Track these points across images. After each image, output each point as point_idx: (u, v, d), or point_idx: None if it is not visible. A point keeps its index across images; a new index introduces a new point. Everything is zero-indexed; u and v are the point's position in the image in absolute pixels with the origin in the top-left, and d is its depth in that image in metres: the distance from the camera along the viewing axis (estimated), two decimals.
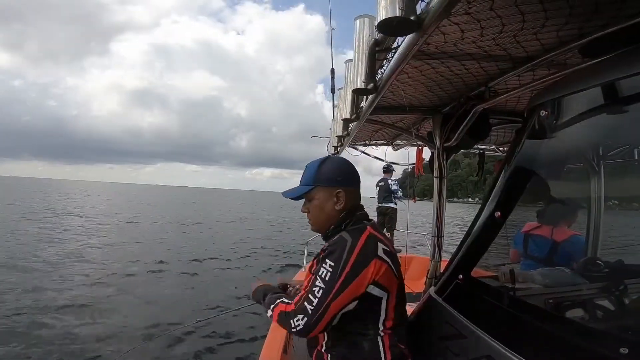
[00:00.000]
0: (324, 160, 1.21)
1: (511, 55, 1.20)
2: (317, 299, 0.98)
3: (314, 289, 1.00)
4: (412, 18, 0.76)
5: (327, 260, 1.01)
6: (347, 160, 1.25)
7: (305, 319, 0.99)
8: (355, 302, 1.01)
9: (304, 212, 1.24)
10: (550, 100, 1.02)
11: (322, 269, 1.01)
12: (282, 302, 1.12)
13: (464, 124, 1.75)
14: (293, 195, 1.22)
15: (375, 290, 1.03)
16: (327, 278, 0.99)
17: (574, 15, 0.86)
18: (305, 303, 1.01)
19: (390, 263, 1.06)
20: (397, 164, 3.65)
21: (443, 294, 1.31)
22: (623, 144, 1.29)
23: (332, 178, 1.17)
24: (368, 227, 1.11)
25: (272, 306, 1.14)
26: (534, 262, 1.88)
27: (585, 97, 0.91)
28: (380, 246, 1.05)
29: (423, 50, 1.17)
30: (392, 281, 1.07)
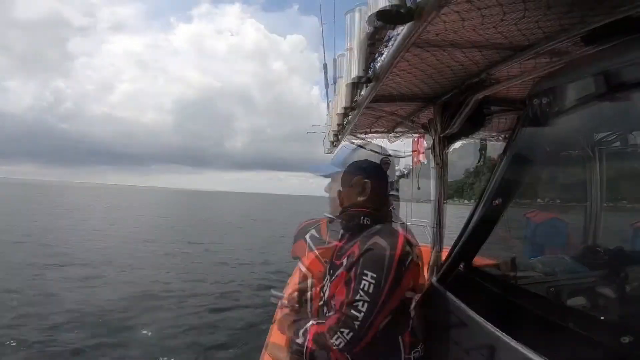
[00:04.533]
0: (358, 147, 1.26)
1: (512, 43, 1.18)
2: (362, 313, 0.96)
3: (356, 303, 0.97)
4: (410, 6, 0.74)
5: (366, 272, 0.98)
6: (383, 154, 1.27)
7: (352, 333, 0.97)
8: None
9: (326, 191, 1.27)
10: (551, 88, 1.01)
11: (363, 281, 0.97)
12: (312, 325, 1.10)
13: (464, 112, 1.74)
14: (319, 173, 1.28)
15: (409, 293, 1.05)
16: (370, 291, 0.96)
17: (577, 3, 0.84)
18: (348, 317, 0.97)
19: (420, 266, 1.08)
20: (397, 151, 3.63)
21: (445, 283, 1.32)
22: (623, 131, 1.29)
23: (360, 167, 1.17)
24: (400, 230, 1.11)
25: (302, 331, 1.12)
26: (532, 246, 1.90)
27: (586, 85, 0.90)
28: (414, 250, 1.05)
29: (423, 38, 1.15)
30: (421, 280, 1.11)
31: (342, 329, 0.98)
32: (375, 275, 0.97)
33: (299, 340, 1.13)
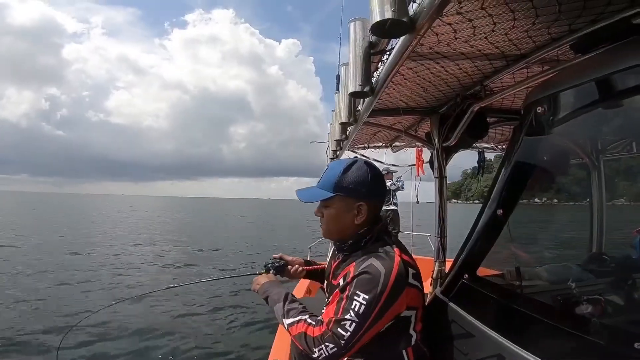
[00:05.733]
0: (349, 166, 1.11)
1: (504, 54, 1.21)
2: (349, 333, 0.96)
3: (344, 322, 0.97)
4: (404, 19, 0.77)
5: (359, 293, 0.97)
6: (375, 168, 1.15)
7: (335, 349, 0.97)
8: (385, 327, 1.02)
9: (318, 215, 1.18)
10: (545, 97, 1.03)
11: (354, 302, 0.97)
12: (306, 321, 1.07)
13: (461, 124, 1.77)
14: (308, 199, 1.14)
15: (405, 312, 1.04)
16: (360, 312, 0.96)
17: (563, 12, 0.87)
18: (334, 334, 0.98)
19: (418, 285, 1.06)
20: (397, 166, 3.67)
21: (449, 294, 1.30)
22: (620, 137, 1.30)
23: (356, 189, 1.08)
24: (395, 249, 1.06)
25: (291, 320, 1.10)
26: None
27: (580, 92, 0.92)
28: (410, 271, 1.03)
29: (417, 51, 1.19)
30: (420, 298, 1.08)
31: (326, 344, 0.99)
32: (367, 297, 0.96)
33: (281, 321, 1.12)
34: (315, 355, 1.00)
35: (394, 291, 0.97)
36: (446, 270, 1.84)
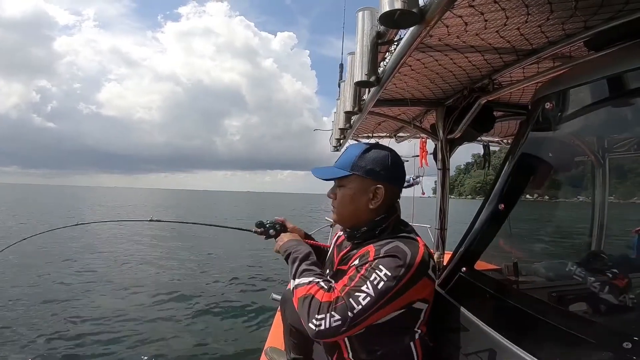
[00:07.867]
0: (370, 147, 1.09)
1: (515, 48, 1.19)
2: (360, 306, 0.88)
3: (359, 293, 0.89)
4: (414, 10, 0.75)
5: (381, 268, 0.91)
6: (396, 154, 1.12)
7: (339, 323, 0.88)
8: (394, 314, 0.97)
9: (330, 197, 1.15)
10: (554, 92, 1.02)
11: (374, 274, 0.91)
12: (318, 284, 0.97)
13: (467, 116, 1.74)
14: (324, 176, 1.12)
15: (417, 304, 1.01)
16: (378, 286, 0.89)
17: (580, 8, 0.85)
18: (345, 305, 0.89)
19: (435, 279, 1.04)
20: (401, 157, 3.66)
21: (446, 287, 1.31)
22: (628, 136, 1.28)
23: (373, 170, 1.05)
24: (418, 238, 1.04)
25: (301, 280, 1.01)
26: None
27: (590, 89, 0.90)
28: (431, 262, 1.00)
29: (426, 42, 1.16)
30: (432, 293, 1.07)
31: (332, 313, 0.89)
32: (389, 274, 0.90)
33: (294, 281, 1.03)
34: (313, 325, 0.90)
35: (416, 275, 0.93)
36: (444, 263, 1.86)
